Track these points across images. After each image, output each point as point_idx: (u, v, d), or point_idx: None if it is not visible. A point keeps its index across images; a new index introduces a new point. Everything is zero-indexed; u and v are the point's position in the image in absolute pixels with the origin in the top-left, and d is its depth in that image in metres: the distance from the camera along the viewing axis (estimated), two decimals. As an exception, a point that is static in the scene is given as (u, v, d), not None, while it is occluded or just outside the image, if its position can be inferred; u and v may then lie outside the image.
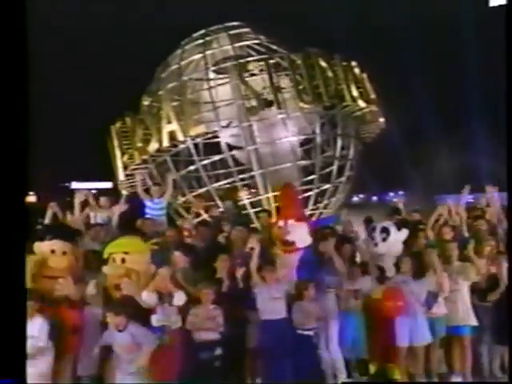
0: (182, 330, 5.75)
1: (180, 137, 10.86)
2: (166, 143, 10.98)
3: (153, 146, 11.18)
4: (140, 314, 5.50)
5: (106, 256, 5.89)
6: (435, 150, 17.97)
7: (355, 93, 11.62)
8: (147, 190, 9.55)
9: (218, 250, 6.69)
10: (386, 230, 7.00)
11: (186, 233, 7.76)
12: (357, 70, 12.03)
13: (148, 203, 8.65)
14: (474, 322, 6.69)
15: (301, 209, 7.95)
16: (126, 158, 11.83)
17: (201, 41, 12.24)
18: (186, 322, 5.75)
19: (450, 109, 18.37)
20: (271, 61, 11.18)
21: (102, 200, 8.28)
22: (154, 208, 8.53)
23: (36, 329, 5.19)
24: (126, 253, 5.80)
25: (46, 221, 7.31)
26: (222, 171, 12.34)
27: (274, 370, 5.97)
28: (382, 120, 13.30)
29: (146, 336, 5.30)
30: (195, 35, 12.58)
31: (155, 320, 5.59)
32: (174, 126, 10.82)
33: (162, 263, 5.94)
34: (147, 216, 8.27)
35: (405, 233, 7.10)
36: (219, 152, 12.19)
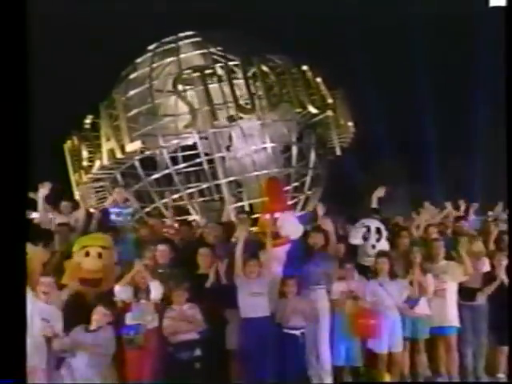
0: (158, 329, 5.38)
1: (118, 154, 10.60)
2: (105, 161, 10.77)
3: (96, 164, 11.03)
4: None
5: (77, 248, 5.61)
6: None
7: (305, 98, 10.95)
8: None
9: (199, 246, 6.46)
10: (379, 231, 6.80)
11: (166, 229, 7.75)
12: (309, 75, 11.36)
13: (114, 209, 8.39)
14: (457, 323, 6.48)
15: (286, 202, 7.83)
16: (76, 176, 11.76)
17: (150, 54, 12.00)
18: (162, 327, 5.38)
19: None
20: (208, 71, 10.71)
21: (63, 205, 8.12)
22: (121, 213, 8.31)
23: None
24: (103, 247, 5.58)
25: None
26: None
27: (256, 372, 5.66)
28: (350, 124, 12.54)
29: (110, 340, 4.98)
30: (149, 47, 12.38)
31: (130, 318, 5.24)
32: (112, 144, 10.60)
33: (134, 257, 5.68)
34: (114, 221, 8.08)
35: (386, 233, 6.91)
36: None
